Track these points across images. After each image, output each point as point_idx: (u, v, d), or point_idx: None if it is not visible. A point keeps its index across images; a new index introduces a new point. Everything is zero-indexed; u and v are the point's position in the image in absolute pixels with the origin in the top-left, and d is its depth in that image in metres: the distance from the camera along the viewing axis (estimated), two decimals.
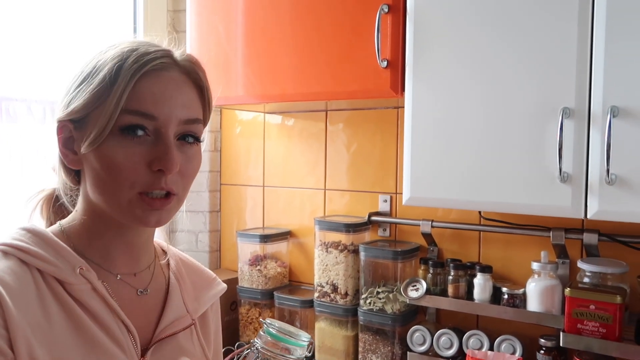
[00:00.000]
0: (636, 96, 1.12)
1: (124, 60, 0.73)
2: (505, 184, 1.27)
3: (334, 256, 1.74)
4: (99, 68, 0.74)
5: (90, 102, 0.74)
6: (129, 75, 0.73)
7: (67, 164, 0.79)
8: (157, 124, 0.74)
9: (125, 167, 0.73)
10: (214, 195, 2.17)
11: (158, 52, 0.76)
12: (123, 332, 0.77)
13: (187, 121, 0.77)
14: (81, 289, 0.75)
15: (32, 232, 0.78)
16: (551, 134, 1.20)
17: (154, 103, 0.74)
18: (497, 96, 1.27)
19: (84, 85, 0.75)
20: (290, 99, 1.58)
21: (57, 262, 0.75)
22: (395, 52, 1.39)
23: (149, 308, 0.84)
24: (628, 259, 1.39)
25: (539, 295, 1.42)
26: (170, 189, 0.75)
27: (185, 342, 0.86)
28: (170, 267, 0.90)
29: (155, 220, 0.76)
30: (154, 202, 0.75)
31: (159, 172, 0.74)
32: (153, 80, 0.74)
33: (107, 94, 0.73)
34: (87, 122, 0.75)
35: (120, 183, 0.74)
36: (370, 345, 1.67)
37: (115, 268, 0.81)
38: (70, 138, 0.78)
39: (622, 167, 1.14)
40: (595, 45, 1.16)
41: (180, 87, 0.77)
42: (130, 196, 0.74)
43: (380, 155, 1.82)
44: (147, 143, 0.74)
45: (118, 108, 0.72)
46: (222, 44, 1.67)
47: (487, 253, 1.64)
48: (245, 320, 1.96)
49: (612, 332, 1.25)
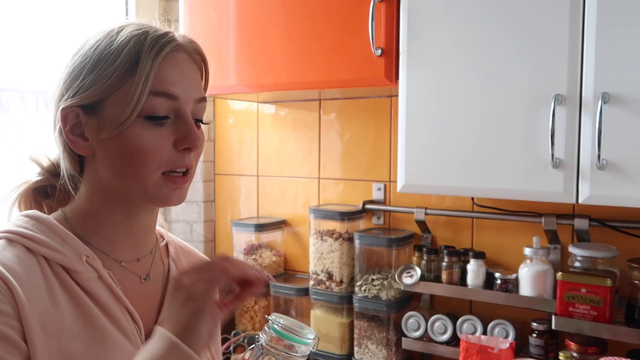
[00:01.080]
0: (627, 83, 1.14)
1: (140, 43, 0.74)
2: (498, 170, 1.29)
3: (328, 244, 1.75)
4: (113, 52, 0.74)
5: (110, 86, 0.73)
6: (151, 59, 0.73)
7: (75, 151, 0.78)
8: (177, 104, 0.76)
9: (152, 150, 0.74)
10: (208, 185, 2.18)
11: (169, 36, 0.77)
12: (128, 320, 0.78)
13: (199, 99, 0.80)
14: (87, 277, 0.75)
15: (36, 219, 0.78)
16: (543, 121, 1.22)
17: (175, 84, 0.76)
18: (490, 83, 1.29)
19: (100, 70, 0.74)
20: (284, 87, 1.58)
21: (64, 250, 0.75)
22: (389, 40, 1.39)
23: (150, 294, 0.85)
24: (618, 243, 1.41)
25: (531, 280, 1.44)
26: (190, 166, 0.79)
27: None
28: (170, 254, 0.91)
29: (177, 197, 0.78)
30: (177, 180, 0.77)
31: (184, 151, 0.77)
32: (171, 63, 0.76)
33: (127, 78, 0.73)
34: (103, 106, 0.74)
35: (147, 165, 0.74)
36: (365, 331, 1.69)
37: (120, 255, 0.82)
38: (77, 124, 0.77)
39: (613, 153, 1.16)
40: (586, 33, 1.18)
41: (191, 68, 0.80)
42: (155, 178, 0.76)
43: (374, 144, 1.83)
44: (168, 124, 0.76)
45: (145, 91, 0.73)
46: (215, 33, 1.67)
47: (480, 239, 1.66)
48: (241, 309, 1.97)
49: (603, 315, 1.28)
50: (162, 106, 0.75)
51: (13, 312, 0.67)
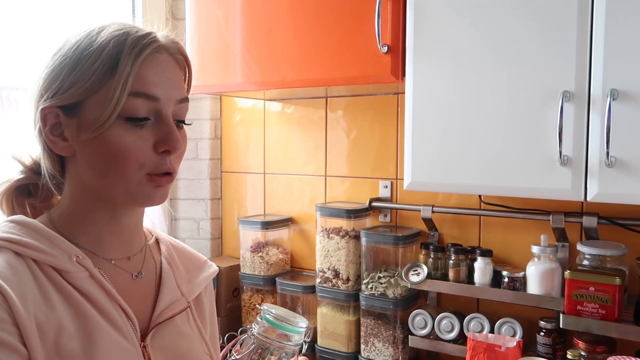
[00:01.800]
0: (636, 79, 1.13)
1: (121, 44, 0.74)
2: (506, 167, 1.28)
3: (335, 242, 1.75)
4: (92, 53, 0.74)
5: (89, 87, 0.73)
6: (131, 60, 0.73)
7: (55, 151, 0.78)
8: (158, 105, 0.76)
9: (133, 151, 0.74)
10: (214, 183, 2.18)
11: (151, 36, 0.77)
12: (122, 318, 0.77)
13: (181, 100, 0.80)
14: (79, 277, 0.75)
15: (21, 224, 0.77)
16: (551, 118, 1.21)
17: (155, 85, 0.75)
18: (497, 80, 1.27)
19: (79, 71, 0.73)
20: (290, 85, 1.58)
21: (53, 252, 0.75)
22: (395, 37, 1.39)
23: (144, 292, 0.85)
24: (627, 241, 1.40)
25: (538, 278, 1.43)
26: (173, 169, 0.79)
27: (183, 325, 0.87)
28: (162, 252, 0.91)
29: (159, 196, 0.79)
30: (160, 180, 0.78)
31: (164, 153, 0.77)
32: (151, 64, 0.76)
33: (106, 79, 0.73)
34: (83, 107, 0.74)
35: (128, 166, 0.75)
36: (372, 329, 1.69)
37: (109, 253, 0.82)
38: (57, 124, 0.77)
39: (621, 150, 1.14)
40: (595, 29, 1.17)
41: (173, 69, 0.79)
42: (139, 178, 0.76)
43: (381, 141, 1.82)
44: (148, 126, 0.76)
45: (124, 93, 0.73)
46: (221, 31, 1.67)
47: (487, 237, 1.65)
48: (248, 306, 1.98)
49: (611, 313, 1.27)
50: (142, 107, 0.75)
51: (9, 317, 0.67)
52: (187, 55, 0.83)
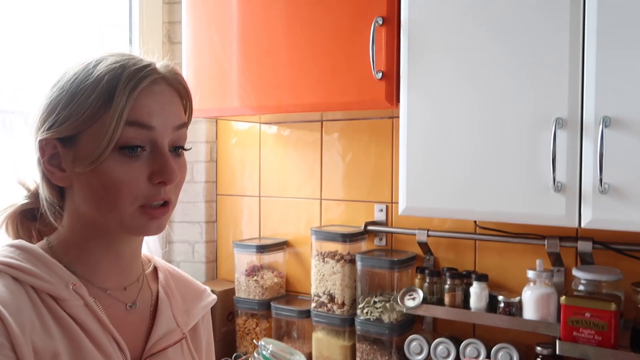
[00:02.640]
0: (628, 106, 1.14)
1: (116, 78, 0.74)
2: (500, 193, 1.28)
3: (330, 266, 1.74)
4: (88, 86, 0.74)
5: (84, 121, 0.73)
6: (126, 94, 0.73)
7: (53, 181, 0.79)
8: (153, 134, 0.76)
9: (126, 183, 0.74)
10: (210, 206, 2.17)
11: (148, 69, 0.76)
12: (115, 349, 0.77)
13: (178, 126, 0.79)
14: (74, 305, 0.75)
15: (21, 249, 0.77)
16: (545, 144, 1.22)
17: (150, 114, 0.75)
18: (491, 107, 1.29)
19: (75, 104, 0.74)
20: (286, 110, 1.59)
21: (50, 279, 0.75)
22: (390, 64, 1.40)
23: (137, 322, 0.84)
24: (622, 266, 1.40)
25: (534, 303, 1.43)
26: (168, 199, 0.78)
27: (176, 356, 0.86)
28: (159, 281, 0.90)
29: (155, 228, 0.78)
30: (155, 212, 0.77)
31: (159, 184, 0.76)
32: (147, 96, 0.76)
33: (101, 113, 0.73)
34: (79, 140, 0.75)
35: (122, 199, 0.74)
36: (367, 355, 1.68)
37: (105, 283, 0.81)
38: (55, 155, 0.77)
39: (615, 177, 1.15)
40: (586, 56, 1.18)
41: (170, 98, 0.79)
42: (132, 210, 0.76)
43: (376, 165, 1.83)
44: (144, 157, 0.76)
45: (119, 127, 0.73)
46: (217, 55, 1.68)
47: (483, 262, 1.65)
48: (242, 331, 1.96)
49: (608, 340, 1.26)
50: (136, 137, 0.74)
51: (7, 342, 0.67)
52: (186, 84, 0.83)
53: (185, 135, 0.82)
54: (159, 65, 0.79)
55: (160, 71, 0.78)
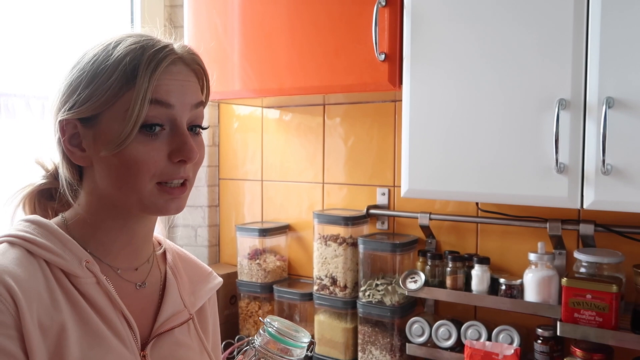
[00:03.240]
0: (631, 87, 1.13)
1: (137, 59, 0.74)
2: (503, 175, 1.28)
3: (332, 249, 1.75)
4: (109, 67, 0.74)
5: (106, 101, 0.74)
6: (148, 75, 0.74)
7: (73, 161, 0.79)
8: (172, 113, 0.76)
9: (146, 162, 0.75)
10: (212, 190, 2.18)
11: (167, 49, 0.77)
12: (124, 326, 0.78)
13: (197, 104, 0.80)
14: (86, 282, 0.76)
15: (37, 224, 0.78)
16: (548, 126, 1.21)
17: (169, 92, 0.76)
18: (493, 88, 1.28)
19: (96, 85, 0.74)
20: (288, 93, 1.59)
21: (64, 255, 0.75)
22: (392, 45, 1.39)
23: (146, 302, 0.85)
24: (624, 248, 1.40)
25: (536, 285, 1.43)
26: (187, 177, 0.79)
27: (183, 336, 0.87)
28: (167, 262, 0.91)
29: (175, 207, 0.79)
30: (173, 191, 0.78)
31: (179, 163, 0.77)
32: (166, 77, 0.76)
33: (122, 92, 0.73)
34: (99, 120, 0.75)
35: (142, 177, 0.75)
36: (369, 337, 1.69)
37: (116, 262, 0.82)
38: (75, 135, 0.78)
39: (617, 158, 1.15)
40: (590, 37, 1.17)
41: (188, 78, 0.80)
42: (150, 188, 0.76)
43: (378, 149, 1.83)
44: (163, 136, 0.76)
45: (144, 108, 0.73)
46: (219, 39, 1.68)
47: (485, 245, 1.65)
48: (245, 314, 1.97)
49: (609, 321, 1.27)
50: (155, 115, 0.75)
51: (12, 321, 0.68)
52: (203, 65, 0.83)
53: (203, 114, 0.82)
54: (176, 46, 0.79)
55: (177, 52, 0.79)
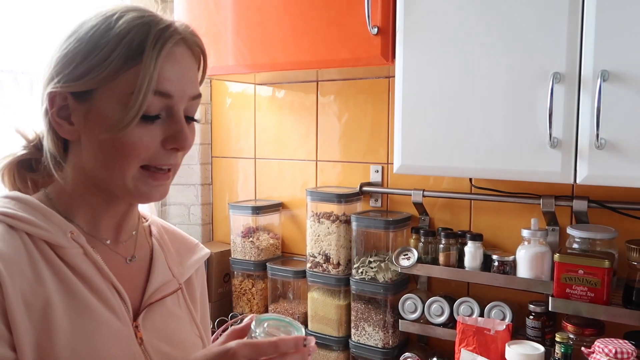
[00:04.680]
0: (626, 60, 1.12)
1: (143, 36, 0.71)
2: (496, 150, 1.27)
3: (325, 227, 1.74)
4: (111, 40, 0.71)
5: (105, 77, 0.71)
6: (155, 56, 0.71)
7: (60, 134, 0.77)
8: (171, 102, 0.74)
9: (139, 147, 0.73)
10: (205, 168, 2.16)
11: (172, 29, 0.74)
12: (115, 296, 0.77)
13: (194, 97, 0.78)
14: (73, 253, 0.75)
15: (17, 199, 0.77)
16: (542, 100, 1.20)
17: (171, 82, 0.73)
18: (487, 62, 1.26)
19: (95, 58, 0.71)
20: (281, 67, 1.56)
21: (48, 227, 0.74)
22: (385, 19, 1.37)
23: (136, 274, 0.84)
24: (617, 225, 1.40)
25: (528, 261, 1.43)
26: (176, 164, 0.78)
27: (173, 306, 0.87)
28: (153, 234, 0.91)
29: (159, 194, 0.78)
30: (157, 176, 0.76)
31: (172, 150, 0.75)
32: (170, 59, 0.73)
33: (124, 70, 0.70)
34: (94, 96, 0.72)
35: (131, 160, 0.73)
36: (362, 314, 1.69)
37: (103, 235, 0.81)
38: (64, 107, 0.75)
39: (611, 132, 1.14)
40: (586, 10, 1.15)
41: (190, 64, 0.77)
42: (134, 171, 0.74)
43: (372, 126, 1.81)
44: (159, 122, 0.74)
45: (149, 93, 0.71)
46: (211, 13, 1.65)
47: (478, 221, 1.64)
48: (239, 291, 1.97)
49: (600, 296, 1.27)
50: (155, 105, 0.73)
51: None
52: (204, 47, 0.80)
53: (198, 105, 0.80)
54: (177, 25, 0.76)
55: (180, 31, 0.76)
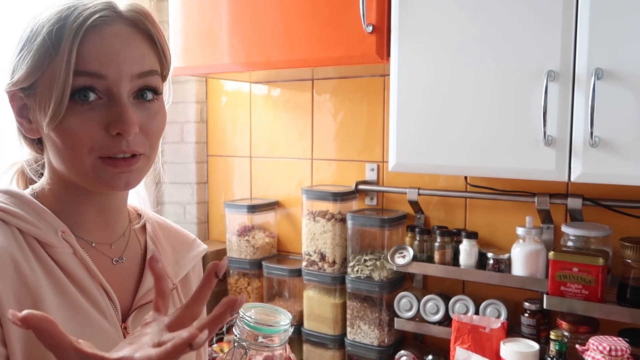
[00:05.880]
0: (620, 58, 1.12)
1: (63, 19, 0.69)
2: (491, 148, 1.27)
3: (321, 225, 1.74)
4: (36, 31, 0.70)
5: (34, 68, 0.70)
6: (72, 34, 0.68)
7: (24, 133, 0.76)
8: (107, 83, 0.70)
9: (81, 134, 0.70)
10: (200, 167, 2.16)
11: (98, 5, 0.70)
12: (104, 297, 0.76)
13: (140, 75, 0.72)
14: (63, 253, 0.74)
15: (9, 194, 0.76)
16: (536, 98, 1.20)
17: (100, 61, 0.69)
18: (482, 60, 1.26)
19: (25, 52, 0.71)
20: (276, 66, 1.56)
21: (40, 224, 0.73)
22: (380, 17, 1.37)
23: (125, 275, 0.82)
24: (612, 222, 1.40)
25: (523, 259, 1.43)
26: (134, 151, 0.72)
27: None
28: (147, 232, 0.88)
29: (124, 183, 0.73)
30: (117, 163, 0.71)
31: (119, 136, 0.70)
32: (96, 37, 0.69)
33: (50, 57, 0.69)
34: (36, 88, 0.71)
35: (79, 150, 0.70)
36: (358, 312, 1.69)
37: (89, 236, 0.79)
38: (24, 106, 0.74)
39: (605, 130, 1.14)
40: (580, 8, 1.15)
41: (128, 41, 0.72)
42: (91, 161, 0.71)
43: (367, 124, 1.81)
44: (100, 106, 0.70)
45: (70, 72, 0.68)
46: (206, 11, 1.64)
47: (473, 219, 1.65)
48: (235, 290, 1.97)
49: (595, 294, 1.27)
50: (85, 84, 0.69)
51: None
52: (157, 25, 0.75)
53: (156, 81, 0.75)
54: (121, 4, 0.73)
55: (117, 9, 0.72)
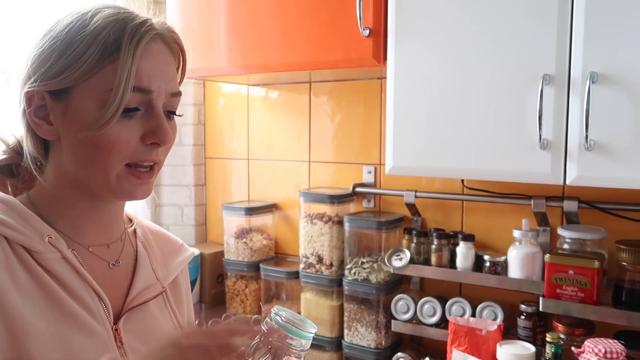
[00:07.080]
0: (615, 62, 1.12)
1: (119, 32, 0.71)
2: (487, 151, 1.28)
3: (318, 227, 1.74)
4: (86, 37, 0.71)
5: (81, 74, 0.71)
6: (132, 52, 0.71)
7: (39, 134, 0.76)
8: (150, 97, 0.74)
9: (119, 142, 0.73)
10: (198, 169, 2.16)
11: (148, 25, 0.74)
12: (95, 300, 0.76)
13: (173, 94, 0.78)
14: (50, 258, 0.74)
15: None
16: (531, 101, 1.21)
17: (149, 77, 0.73)
18: (478, 64, 1.27)
19: (71, 56, 0.71)
20: (273, 69, 1.56)
21: (24, 230, 0.73)
22: (377, 21, 1.37)
23: (119, 278, 0.83)
24: (608, 225, 1.40)
25: (520, 262, 1.44)
26: (158, 160, 0.77)
27: (157, 309, 0.86)
28: (138, 236, 0.90)
29: (142, 193, 0.77)
30: (141, 175, 0.76)
31: (152, 145, 0.75)
32: (147, 54, 0.73)
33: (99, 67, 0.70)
34: (71, 94, 0.72)
35: (114, 157, 0.73)
36: (355, 314, 1.69)
37: (87, 240, 0.80)
38: (42, 107, 0.75)
39: (600, 133, 1.14)
40: (575, 11, 1.16)
41: (167, 59, 0.77)
42: (118, 169, 0.74)
43: (365, 127, 1.82)
44: (138, 117, 0.74)
45: (128, 89, 0.71)
46: (203, 14, 1.65)
47: (470, 222, 1.65)
48: (232, 292, 1.97)
49: (590, 296, 1.28)
50: (134, 99, 0.73)
51: None
52: (182, 44, 0.81)
53: (179, 101, 0.81)
54: (154, 21, 0.76)
55: (157, 28, 0.76)
